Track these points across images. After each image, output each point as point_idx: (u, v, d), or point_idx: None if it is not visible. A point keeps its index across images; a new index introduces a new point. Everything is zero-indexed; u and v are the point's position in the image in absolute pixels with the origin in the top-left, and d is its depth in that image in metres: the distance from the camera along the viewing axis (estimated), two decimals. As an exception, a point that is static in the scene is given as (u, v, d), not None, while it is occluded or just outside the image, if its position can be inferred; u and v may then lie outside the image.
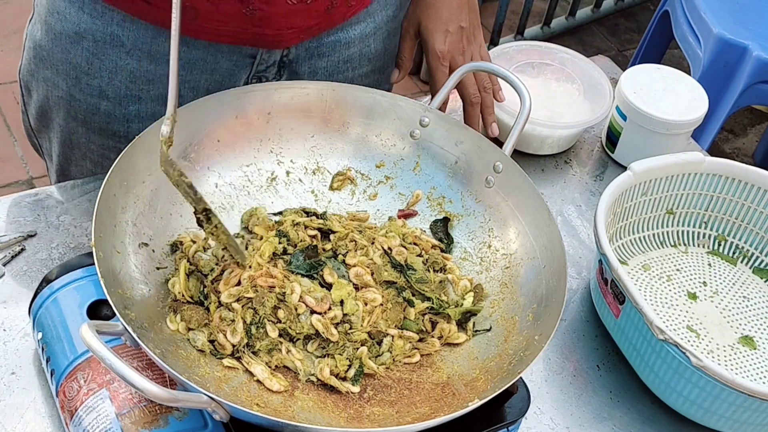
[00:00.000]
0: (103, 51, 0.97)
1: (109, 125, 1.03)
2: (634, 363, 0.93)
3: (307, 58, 1.05)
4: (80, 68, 0.99)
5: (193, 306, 0.82)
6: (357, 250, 0.88)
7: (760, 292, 1.04)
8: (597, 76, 1.20)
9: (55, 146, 1.10)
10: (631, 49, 3.00)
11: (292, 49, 1.03)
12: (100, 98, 1.01)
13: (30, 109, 1.11)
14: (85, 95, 1.01)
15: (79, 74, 1.00)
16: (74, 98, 1.02)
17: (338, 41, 1.06)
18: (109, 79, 0.99)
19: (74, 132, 1.06)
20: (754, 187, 1.04)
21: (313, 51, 1.05)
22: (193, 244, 0.87)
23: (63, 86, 1.01)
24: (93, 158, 1.07)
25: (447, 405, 0.78)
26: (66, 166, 1.11)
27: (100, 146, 1.05)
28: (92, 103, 1.01)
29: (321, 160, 0.97)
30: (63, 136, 1.07)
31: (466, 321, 0.87)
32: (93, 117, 1.03)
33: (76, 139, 1.06)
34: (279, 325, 0.81)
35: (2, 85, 2.43)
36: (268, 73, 1.04)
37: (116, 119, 1.02)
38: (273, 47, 1.01)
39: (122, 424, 0.74)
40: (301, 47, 1.03)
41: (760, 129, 2.79)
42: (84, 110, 1.02)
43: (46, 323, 0.81)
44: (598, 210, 0.95)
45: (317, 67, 1.07)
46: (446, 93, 0.99)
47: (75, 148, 1.08)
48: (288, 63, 1.04)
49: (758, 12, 2.04)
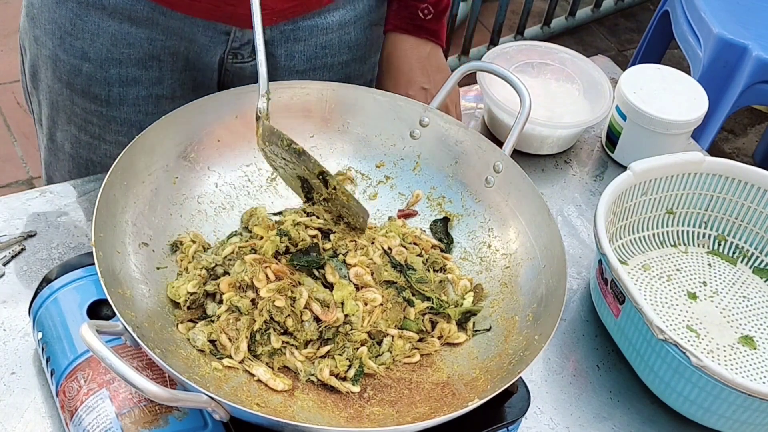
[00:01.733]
0: (86, 12, 0.99)
1: (91, 88, 1.04)
2: (634, 363, 0.93)
3: (283, 41, 1.06)
4: (64, 28, 1.01)
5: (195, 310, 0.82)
6: (357, 250, 0.88)
7: (760, 292, 1.04)
8: (597, 76, 1.20)
9: (44, 108, 1.12)
10: (631, 49, 3.00)
11: (266, 30, 1.04)
12: (83, 60, 1.02)
13: (25, 70, 1.13)
14: (68, 56, 1.02)
15: (63, 34, 1.01)
16: (59, 58, 1.03)
17: (315, 26, 1.06)
18: (91, 41, 1.01)
19: (59, 93, 1.07)
20: (754, 187, 1.04)
21: (289, 34, 1.06)
22: (193, 244, 0.87)
23: (49, 45, 1.03)
24: (77, 122, 1.09)
25: (447, 405, 0.78)
26: (54, 130, 1.12)
27: (83, 109, 1.07)
28: (75, 64, 1.03)
29: (321, 160, 0.97)
30: (51, 98, 1.09)
31: (466, 321, 0.87)
32: (76, 78, 1.04)
33: (61, 102, 1.08)
34: (283, 337, 0.81)
35: (2, 85, 2.43)
36: (243, 50, 1.05)
37: (97, 82, 1.04)
38: (246, 26, 1.02)
39: (122, 424, 0.74)
40: (275, 29, 1.04)
41: (760, 129, 2.79)
42: (68, 71, 1.04)
43: (46, 323, 0.81)
44: (598, 210, 0.95)
45: (294, 51, 1.07)
46: (446, 93, 0.99)
47: (60, 111, 1.09)
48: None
49: (758, 12, 2.04)
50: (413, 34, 1.11)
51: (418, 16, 1.10)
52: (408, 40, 1.11)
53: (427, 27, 1.11)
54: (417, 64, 1.11)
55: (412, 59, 1.11)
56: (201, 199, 0.91)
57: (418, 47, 1.11)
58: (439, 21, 1.11)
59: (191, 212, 0.90)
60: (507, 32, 2.89)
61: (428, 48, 1.11)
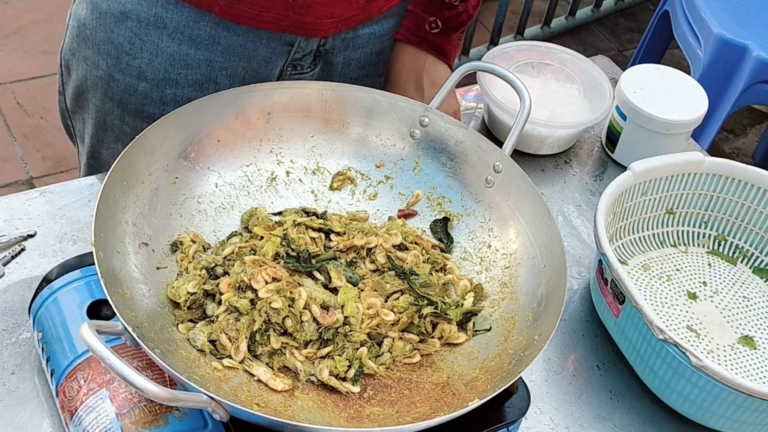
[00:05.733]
0: (145, 32, 0.99)
1: (145, 107, 1.04)
2: (634, 363, 0.93)
3: (343, 49, 1.07)
4: (122, 48, 1.00)
5: (194, 310, 0.82)
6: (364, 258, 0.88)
7: (760, 292, 1.04)
8: (597, 76, 1.20)
9: (89, 127, 1.11)
10: (631, 49, 3.00)
11: (329, 39, 1.04)
12: (139, 79, 1.02)
13: (67, 90, 1.12)
14: (124, 75, 1.02)
15: (120, 54, 1.01)
16: (113, 78, 1.03)
17: (373, 33, 1.07)
18: (149, 61, 1.01)
19: (109, 113, 1.07)
20: (754, 187, 1.04)
21: (349, 42, 1.07)
22: (193, 244, 0.87)
23: (103, 66, 1.03)
24: (125, 141, 1.08)
25: (447, 405, 0.78)
26: (98, 149, 1.12)
27: (134, 128, 1.06)
28: (130, 83, 1.03)
29: (321, 160, 0.97)
30: (98, 117, 1.09)
31: (466, 321, 0.87)
32: (130, 98, 1.04)
33: (110, 121, 1.08)
34: (282, 338, 0.81)
35: (2, 85, 2.43)
36: (303, 61, 1.06)
37: (152, 101, 1.04)
38: (311, 36, 1.02)
39: (122, 424, 0.74)
40: (338, 37, 1.05)
41: (760, 129, 2.79)
42: (121, 91, 1.04)
43: (46, 323, 0.81)
44: (598, 210, 0.95)
45: (351, 58, 1.08)
46: (446, 93, 0.99)
47: (108, 130, 1.09)
48: (324, 53, 1.06)
49: (758, 12, 2.04)
50: (415, 45, 1.11)
51: (423, 28, 1.10)
52: (408, 51, 1.11)
53: (431, 40, 1.10)
54: (412, 76, 1.11)
55: (409, 70, 1.11)
56: (201, 199, 0.91)
57: (417, 59, 1.11)
58: (447, 37, 1.11)
59: (191, 212, 0.90)
60: (507, 32, 2.89)
61: (428, 61, 1.11)
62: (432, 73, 1.11)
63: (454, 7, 1.09)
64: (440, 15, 1.09)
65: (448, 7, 1.09)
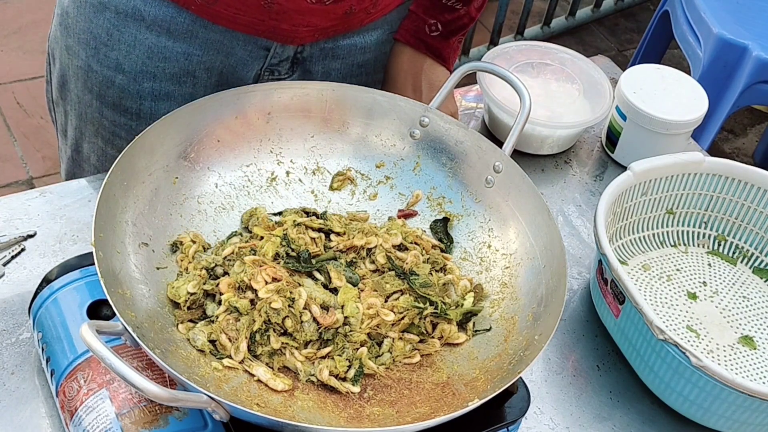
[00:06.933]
0: (123, 23, 0.98)
1: (122, 100, 1.04)
2: (634, 363, 0.93)
3: (321, 58, 1.06)
4: (100, 39, 1.00)
5: (194, 311, 0.82)
6: (365, 258, 0.88)
7: (760, 292, 1.04)
8: (597, 76, 1.20)
9: (72, 119, 1.11)
10: (631, 49, 3.00)
11: (306, 47, 1.04)
12: (116, 71, 1.02)
13: (53, 79, 1.12)
14: (102, 67, 1.02)
15: (98, 45, 1.00)
16: (91, 69, 1.03)
17: (354, 45, 1.06)
18: (127, 53, 1.00)
19: (89, 105, 1.06)
20: (754, 187, 1.04)
21: (328, 52, 1.06)
22: (193, 244, 0.87)
23: (82, 56, 1.02)
24: (104, 135, 1.08)
25: (447, 405, 0.78)
26: (80, 142, 1.12)
27: (112, 122, 1.06)
28: (108, 75, 1.02)
29: (321, 160, 0.97)
30: (79, 109, 1.08)
31: (466, 321, 0.87)
32: (107, 90, 1.03)
33: (90, 113, 1.07)
34: (282, 338, 0.81)
35: (2, 85, 2.43)
36: (280, 67, 1.05)
37: (130, 95, 1.03)
38: (287, 42, 1.02)
39: (122, 424, 0.74)
40: (315, 46, 1.04)
41: (760, 129, 2.79)
42: (99, 82, 1.03)
43: (46, 323, 0.81)
44: (598, 210, 0.95)
45: (331, 68, 1.07)
46: (446, 93, 0.99)
47: (89, 123, 1.08)
48: (302, 60, 1.05)
49: (758, 12, 2.04)
50: (413, 46, 1.10)
51: (423, 31, 1.09)
52: (407, 52, 1.11)
53: (430, 43, 1.10)
54: (410, 78, 1.11)
55: (407, 71, 1.11)
56: (201, 199, 0.91)
57: (415, 60, 1.11)
58: (447, 40, 1.10)
59: (191, 212, 0.90)
60: (507, 32, 2.90)
61: (426, 63, 1.11)
62: (430, 76, 1.11)
63: (455, 10, 1.09)
64: (441, 18, 1.09)
65: (449, 10, 1.09)
